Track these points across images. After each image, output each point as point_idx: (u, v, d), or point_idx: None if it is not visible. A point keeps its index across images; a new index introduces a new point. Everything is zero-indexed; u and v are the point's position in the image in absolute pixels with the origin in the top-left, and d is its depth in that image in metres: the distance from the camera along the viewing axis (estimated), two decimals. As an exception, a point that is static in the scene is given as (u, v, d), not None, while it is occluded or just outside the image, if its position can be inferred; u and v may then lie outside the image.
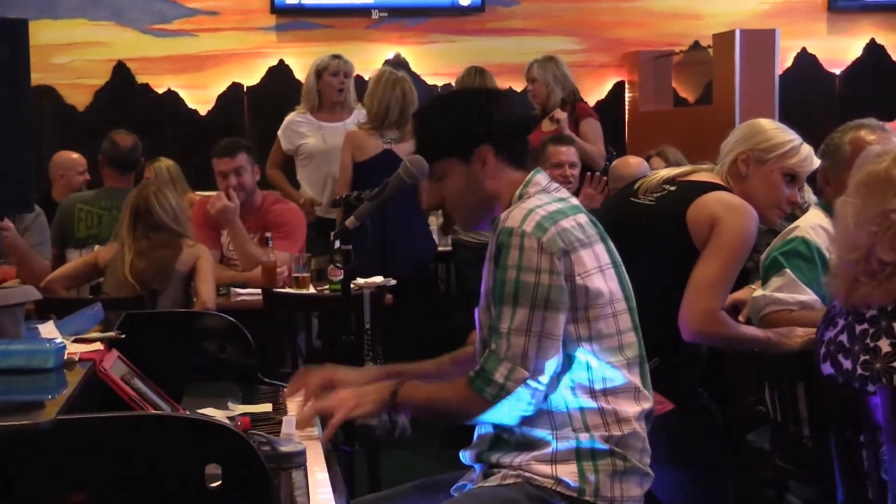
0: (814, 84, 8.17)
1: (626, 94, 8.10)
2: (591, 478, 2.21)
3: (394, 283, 4.48)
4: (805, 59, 8.22)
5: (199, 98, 7.74)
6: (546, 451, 2.22)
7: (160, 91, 7.70)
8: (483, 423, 2.32)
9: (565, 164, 5.27)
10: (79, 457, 1.65)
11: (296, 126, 5.91)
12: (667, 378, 2.70)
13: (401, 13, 7.84)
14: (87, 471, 1.65)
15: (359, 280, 4.20)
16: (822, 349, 2.59)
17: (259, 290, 4.44)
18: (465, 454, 2.38)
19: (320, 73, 5.85)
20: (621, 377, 2.26)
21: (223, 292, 4.65)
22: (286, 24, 7.80)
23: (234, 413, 2.44)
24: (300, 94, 6.06)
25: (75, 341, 2.27)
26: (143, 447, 1.67)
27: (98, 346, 2.26)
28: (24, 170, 2.47)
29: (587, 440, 2.22)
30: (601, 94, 8.05)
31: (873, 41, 8.30)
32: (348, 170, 5.31)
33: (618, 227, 2.76)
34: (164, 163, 6.00)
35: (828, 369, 2.55)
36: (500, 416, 2.23)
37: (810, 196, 3.93)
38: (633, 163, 5.11)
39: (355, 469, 2.77)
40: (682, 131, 6.72)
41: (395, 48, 7.85)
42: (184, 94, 7.73)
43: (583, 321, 2.23)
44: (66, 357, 2.08)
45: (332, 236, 2.68)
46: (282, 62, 7.75)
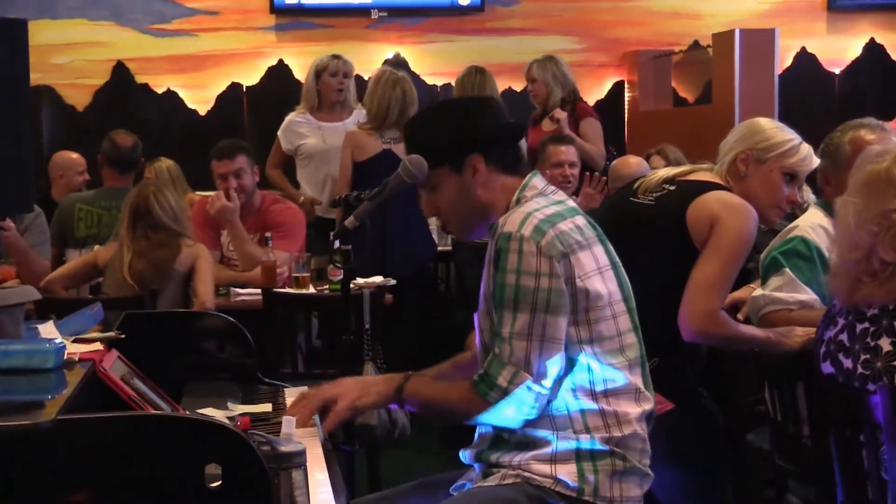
0: (813, 83, 8.16)
1: (626, 94, 8.09)
2: (591, 478, 2.21)
3: (394, 282, 4.47)
4: (804, 59, 8.21)
5: (199, 98, 7.74)
6: (546, 450, 2.22)
7: (160, 91, 7.70)
8: (484, 423, 2.32)
9: (565, 163, 5.28)
10: (79, 457, 1.65)
11: (295, 126, 5.90)
12: (666, 378, 2.69)
13: (400, 13, 7.84)
14: (87, 471, 1.65)
15: (358, 280, 4.20)
16: (822, 348, 2.59)
17: (259, 290, 4.44)
18: (465, 454, 2.38)
19: (320, 73, 5.85)
20: (622, 378, 2.26)
21: (223, 292, 4.65)
22: (286, 23, 7.79)
23: (234, 413, 2.43)
24: (300, 94, 6.06)
25: (75, 341, 2.27)
26: (143, 447, 1.67)
27: (98, 346, 2.26)
28: (24, 170, 2.47)
29: (587, 441, 2.22)
30: (601, 94, 8.04)
31: (873, 41, 8.30)
32: (348, 170, 5.30)
33: (617, 226, 2.77)
34: (164, 163, 5.99)
35: (828, 368, 2.55)
36: (504, 419, 2.23)
37: (809, 196, 3.93)
38: (632, 162, 5.11)
39: (355, 469, 2.78)
40: (682, 131, 6.71)
41: (395, 48, 7.85)
42: (183, 93, 7.72)
43: (583, 323, 2.23)
44: (66, 357, 2.08)
45: (331, 236, 2.67)
46: (281, 62, 7.75)
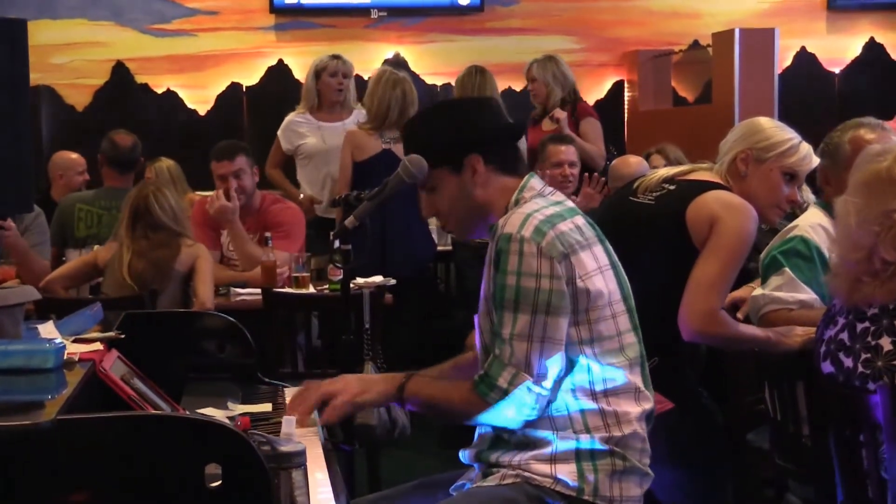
0: (813, 83, 8.16)
1: (626, 94, 8.09)
2: (591, 477, 2.21)
3: (393, 282, 4.47)
4: (804, 58, 8.21)
5: (199, 98, 7.74)
6: (545, 450, 2.22)
7: (159, 91, 7.69)
8: (484, 423, 2.32)
9: (565, 163, 5.28)
10: (79, 457, 1.65)
11: (295, 126, 5.91)
12: (666, 377, 2.69)
13: (400, 12, 7.84)
14: (87, 471, 1.65)
15: (358, 280, 4.20)
16: (822, 348, 2.59)
17: (259, 290, 4.44)
18: (465, 453, 2.38)
19: (319, 73, 5.85)
20: (622, 378, 2.26)
21: (223, 292, 4.65)
22: (285, 23, 7.79)
23: (234, 413, 2.43)
24: (299, 94, 6.06)
25: (75, 341, 2.27)
26: (143, 447, 1.67)
27: (98, 346, 2.26)
28: (24, 170, 2.47)
29: (587, 441, 2.22)
30: (600, 94, 8.04)
31: (872, 40, 8.29)
32: (348, 169, 5.30)
33: (617, 226, 2.77)
34: (165, 163, 5.99)
35: (828, 368, 2.55)
36: (504, 420, 2.23)
37: (809, 195, 3.93)
38: (632, 162, 5.11)
39: (355, 469, 2.78)
40: (682, 130, 6.71)
41: (395, 47, 7.85)
42: (183, 93, 7.72)
43: (584, 323, 2.23)
44: (65, 357, 2.08)
45: (331, 236, 2.68)
46: (281, 62, 7.74)
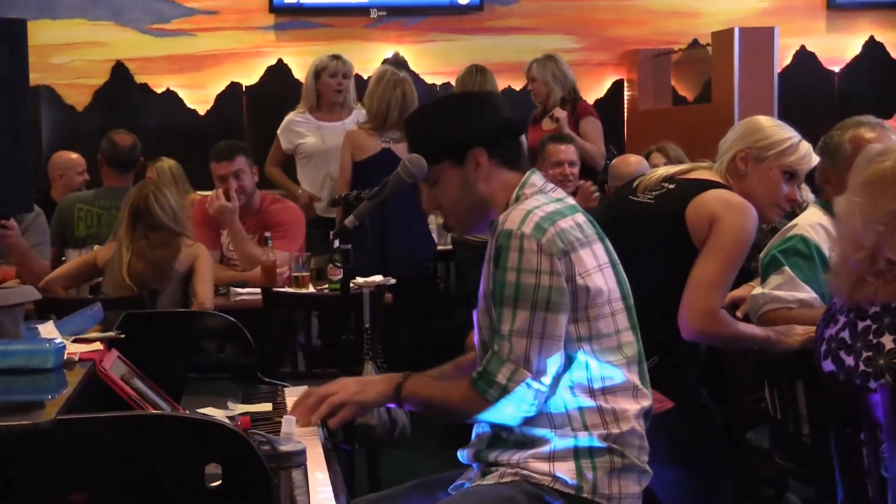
0: (813, 82, 8.15)
1: (625, 93, 8.08)
2: (589, 475, 2.21)
3: (393, 282, 4.47)
4: (804, 57, 8.20)
5: (198, 98, 7.73)
6: (544, 449, 2.22)
7: (159, 91, 7.69)
8: (482, 422, 2.32)
9: (565, 162, 5.28)
10: (79, 457, 1.65)
11: (295, 126, 5.91)
12: (666, 376, 2.69)
13: (399, 12, 7.83)
14: (87, 471, 1.65)
15: (358, 279, 4.20)
16: (822, 346, 2.59)
17: (259, 290, 4.44)
18: (463, 453, 2.38)
19: (319, 73, 5.85)
20: (620, 376, 2.27)
21: (223, 292, 4.65)
22: (285, 23, 7.79)
23: (234, 413, 2.43)
24: (299, 94, 6.07)
25: (75, 341, 2.27)
26: (143, 447, 1.67)
27: (98, 346, 2.26)
28: (24, 170, 2.47)
29: (585, 438, 2.22)
30: (600, 93, 8.04)
31: (872, 38, 8.29)
32: (348, 169, 5.30)
33: (617, 225, 2.77)
34: (166, 163, 5.99)
35: (829, 366, 2.55)
36: (503, 417, 2.23)
37: (808, 195, 3.93)
38: (632, 161, 5.11)
39: (355, 469, 2.78)
40: (682, 129, 6.70)
41: (394, 47, 7.85)
42: (183, 93, 7.72)
43: (583, 321, 2.23)
44: (65, 357, 2.08)
45: (331, 235, 2.68)
46: (280, 61, 7.74)
